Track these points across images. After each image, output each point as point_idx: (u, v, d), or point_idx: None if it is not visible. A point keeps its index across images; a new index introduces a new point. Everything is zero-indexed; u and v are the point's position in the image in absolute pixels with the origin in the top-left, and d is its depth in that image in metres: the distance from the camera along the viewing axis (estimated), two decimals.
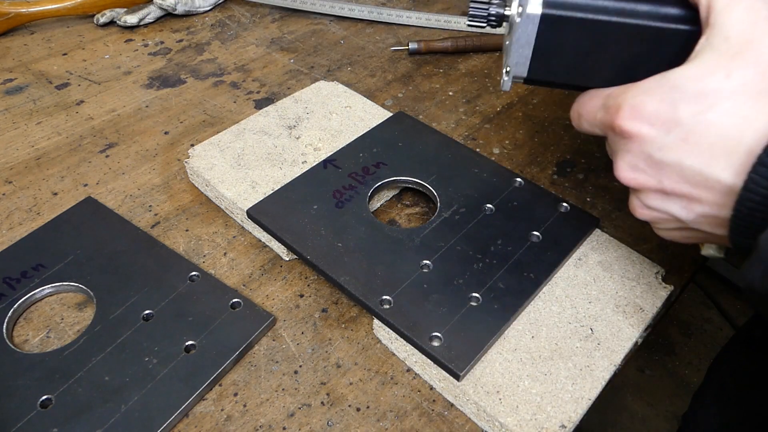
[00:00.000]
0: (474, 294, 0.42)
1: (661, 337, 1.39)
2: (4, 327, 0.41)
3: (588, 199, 0.54)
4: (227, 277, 0.47)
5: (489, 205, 0.48)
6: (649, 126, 0.32)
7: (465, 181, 0.51)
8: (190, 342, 0.41)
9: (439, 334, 0.39)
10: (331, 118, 0.57)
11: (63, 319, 0.44)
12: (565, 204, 0.49)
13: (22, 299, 0.43)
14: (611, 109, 0.34)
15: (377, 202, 0.52)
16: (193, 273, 0.45)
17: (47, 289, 0.44)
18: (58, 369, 0.39)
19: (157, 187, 0.54)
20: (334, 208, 0.48)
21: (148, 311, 0.42)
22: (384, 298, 0.42)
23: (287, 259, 0.48)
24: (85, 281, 0.44)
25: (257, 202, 0.48)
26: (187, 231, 0.50)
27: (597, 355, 0.40)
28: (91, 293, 0.44)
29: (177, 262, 0.46)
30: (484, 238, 0.46)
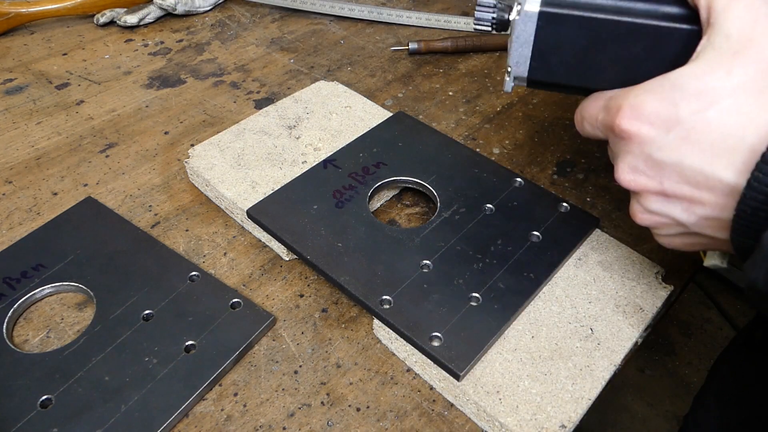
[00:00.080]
0: (474, 294, 0.42)
1: (661, 337, 1.39)
2: (4, 327, 0.41)
3: (588, 199, 0.54)
4: (227, 277, 0.47)
5: (489, 205, 0.48)
6: (649, 125, 0.32)
7: (465, 181, 0.51)
8: (190, 342, 0.41)
9: (439, 334, 0.39)
10: (331, 118, 0.57)
11: (63, 319, 0.44)
12: (565, 204, 0.49)
13: (22, 299, 0.43)
14: (612, 110, 0.34)
15: (377, 202, 0.52)
16: (193, 273, 0.45)
17: (47, 289, 0.44)
18: (58, 369, 0.39)
19: (157, 187, 0.54)
20: (334, 208, 0.48)
21: (148, 311, 0.42)
22: (384, 298, 0.42)
23: (287, 259, 0.48)
24: (85, 281, 0.44)
25: (257, 202, 0.48)
26: (187, 231, 0.50)
27: (597, 355, 0.40)
28: (91, 293, 0.44)
29: (177, 262, 0.46)
30: (484, 238, 0.46)
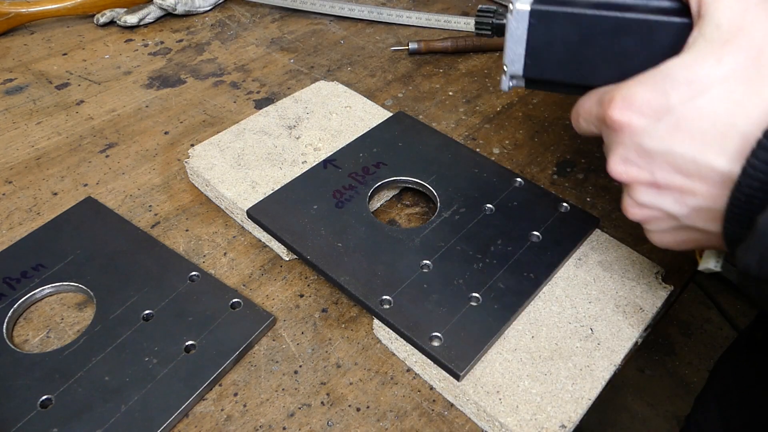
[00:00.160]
0: (474, 294, 0.42)
1: (661, 337, 1.39)
2: (4, 327, 0.41)
3: (588, 199, 0.54)
4: (227, 277, 0.47)
5: (489, 205, 0.48)
6: (640, 115, 0.32)
7: (465, 181, 0.51)
8: (190, 342, 0.41)
9: (439, 334, 0.39)
10: (331, 118, 0.57)
11: (63, 319, 0.44)
12: (565, 204, 0.49)
13: (22, 299, 0.43)
14: (605, 102, 0.34)
15: (377, 202, 0.52)
16: (193, 273, 0.45)
17: (47, 289, 0.44)
18: (58, 369, 0.39)
19: (157, 187, 0.54)
20: (334, 208, 0.48)
21: (148, 311, 0.42)
22: (384, 298, 0.42)
23: (287, 259, 0.48)
24: (85, 281, 0.44)
25: (257, 202, 0.48)
26: (187, 231, 0.50)
27: (597, 355, 0.40)
28: (91, 293, 0.44)
29: (177, 262, 0.46)
30: (484, 238, 0.46)
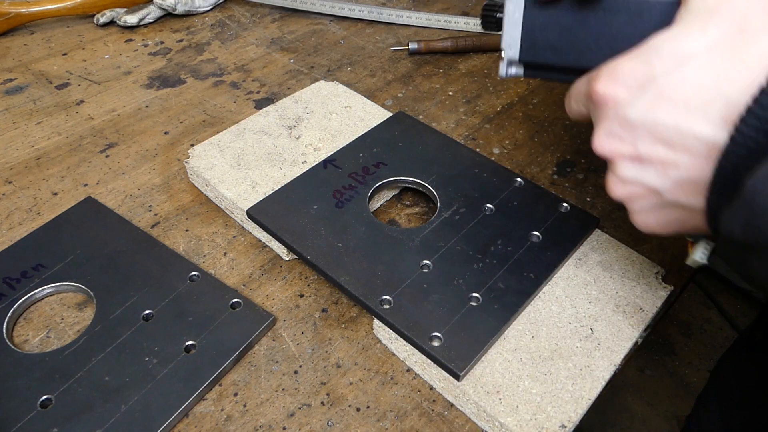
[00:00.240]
0: (474, 294, 0.42)
1: (661, 337, 1.39)
2: (4, 327, 0.41)
3: (588, 199, 0.54)
4: (227, 277, 0.47)
5: (489, 205, 0.48)
6: (624, 87, 0.32)
7: (465, 181, 0.51)
8: (190, 342, 0.41)
9: (439, 334, 0.39)
10: (331, 118, 0.57)
11: (63, 319, 0.44)
12: (565, 204, 0.49)
13: (22, 299, 0.43)
14: (592, 79, 0.34)
15: (377, 202, 0.52)
16: (193, 273, 0.45)
17: (47, 289, 0.44)
18: (58, 369, 0.39)
19: (157, 187, 0.54)
20: (334, 208, 0.48)
21: (148, 311, 0.42)
22: (384, 298, 0.42)
23: (287, 259, 0.48)
24: (85, 281, 0.44)
25: (257, 202, 0.48)
26: (187, 231, 0.50)
27: (597, 355, 0.40)
28: (91, 293, 0.44)
29: (177, 262, 0.46)
30: (484, 238, 0.46)
